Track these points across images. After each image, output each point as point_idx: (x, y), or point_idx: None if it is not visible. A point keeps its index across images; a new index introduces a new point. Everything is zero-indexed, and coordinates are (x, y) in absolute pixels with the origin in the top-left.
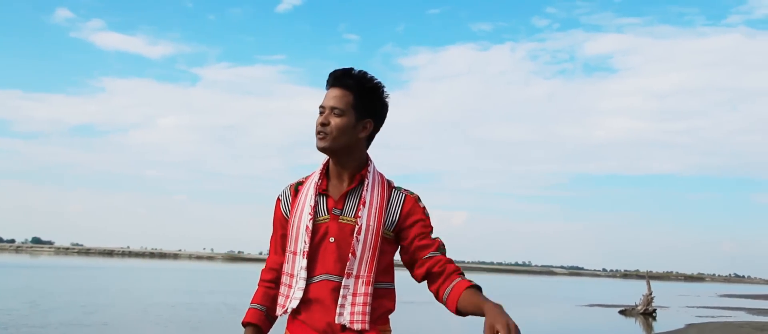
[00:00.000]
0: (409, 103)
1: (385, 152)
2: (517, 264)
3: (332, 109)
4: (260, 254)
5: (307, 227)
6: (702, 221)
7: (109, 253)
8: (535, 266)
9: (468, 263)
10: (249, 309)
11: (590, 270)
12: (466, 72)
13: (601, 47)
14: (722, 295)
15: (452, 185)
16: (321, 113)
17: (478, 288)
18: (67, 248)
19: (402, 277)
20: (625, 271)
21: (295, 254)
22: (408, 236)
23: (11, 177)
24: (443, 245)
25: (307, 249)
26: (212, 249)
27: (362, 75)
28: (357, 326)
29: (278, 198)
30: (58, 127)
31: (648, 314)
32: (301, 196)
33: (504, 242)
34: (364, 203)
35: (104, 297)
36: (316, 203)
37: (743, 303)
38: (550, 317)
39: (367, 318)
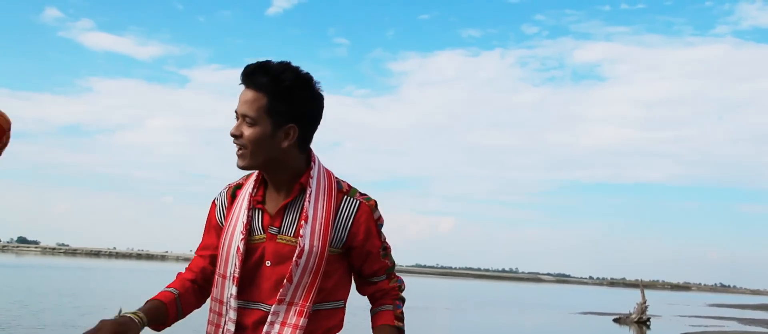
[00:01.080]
0: (399, 108)
1: (373, 157)
2: (504, 271)
3: (244, 117)
4: None
5: (238, 248)
6: (689, 230)
7: (96, 253)
8: (522, 272)
9: (455, 269)
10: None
11: (577, 278)
12: (456, 78)
13: (589, 55)
14: (711, 304)
15: (440, 191)
16: (238, 118)
17: (397, 330)
18: (53, 248)
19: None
20: (612, 279)
21: (224, 277)
22: (357, 257)
23: None
24: (392, 265)
25: (237, 274)
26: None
27: (278, 71)
28: None
29: (214, 202)
30: (45, 127)
31: (642, 323)
32: (236, 206)
33: (491, 248)
34: (306, 218)
35: (95, 299)
36: (250, 219)
37: (734, 313)
38: (545, 324)
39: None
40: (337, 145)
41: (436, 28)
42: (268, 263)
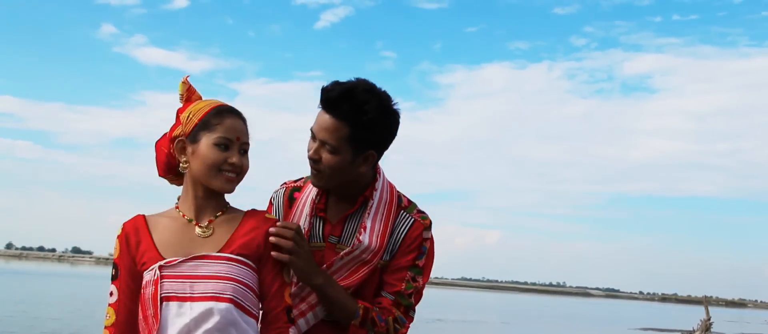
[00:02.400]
0: (445, 120)
1: (419, 169)
2: (551, 284)
3: (323, 143)
4: None
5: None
6: (744, 245)
7: None
8: (570, 286)
9: (501, 282)
10: None
11: (627, 293)
12: (502, 90)
13: (640, 67)
14: None
15: (486, 204)
16: (312, 139)
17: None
18: (107, 259)
19: (432, 294)
20: (663, 294)
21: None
22: (390, 267)
23: (54, 188)
24: (409, 296)
25: (295, 280)
26: None
27: (362, 101)
28: None
29: (270, 200)
30: (101, 140)
31: None
32: (297, 210)
33: (538, 261)
34: (365, 228)
35: None
36: (311, 226)
37: None
38: None
39: None
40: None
41: (483, 40)
42: (323, 267)
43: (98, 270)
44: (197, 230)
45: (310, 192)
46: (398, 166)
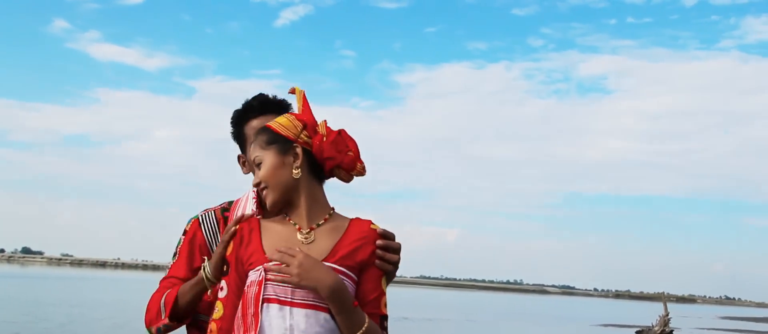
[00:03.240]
0: (404, 119)
1: (378, 169)
2: (508, 282)
3: None
4: None
5: None
6: (693, 242)
7: (102, 264)
8: (527, 284)
9: (460, 280)
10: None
11: (582, 289)
12: (461, 90)
13: (595, 68)
14: (722, 317)
15: (445, 203)
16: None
17: None
18: (59, 259)
19: (394, 293)
20: (617, 291)
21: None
22: None
23: (3, 187)
24: None
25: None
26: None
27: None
28: None
29: (200, 222)
30: (53, 138)
31: None
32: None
33: (496, 259)
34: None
35: (105, 310)
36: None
37: (747, 326)
38: None
39: None
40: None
41: (443, 40)
42: None
43: (50, 271)
44: (299, 236)
45: (245, 206)
46: None
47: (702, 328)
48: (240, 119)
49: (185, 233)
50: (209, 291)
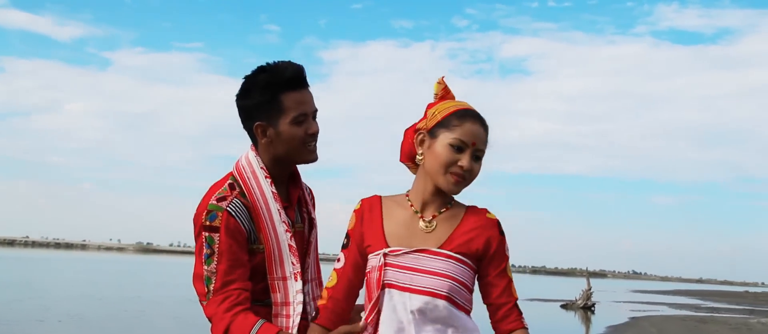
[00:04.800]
0: (329, 97)
1: None
2: None
3: (315, 113)
4: (171, 245)
5: (290, 245)
6: (605, 220)
7: (10, 243)
8: None
9: None
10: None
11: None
12: (386, 68)
13: (517, 50)
14: (634, 291)
15: (367, 180)
16: (313, 118)
17: None
18: None
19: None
20: (534, 267)
21: (285, 279)
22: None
23: None
24: None
25: (300, 269)
26: (119, 240)
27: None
28: None
29: (222, 218)
30: None
31: (588, 308)
32: (264, 212)
33: None
34: (307, 204)
35: (13, 291)
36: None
37: (658, 298)
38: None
39: None
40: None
41: (368, 17)
42: None
43: None
44: (421, 223)
45: (261, 186)
46: None
47: (618, 301)
48: (278, 88)
49: (212, 228)
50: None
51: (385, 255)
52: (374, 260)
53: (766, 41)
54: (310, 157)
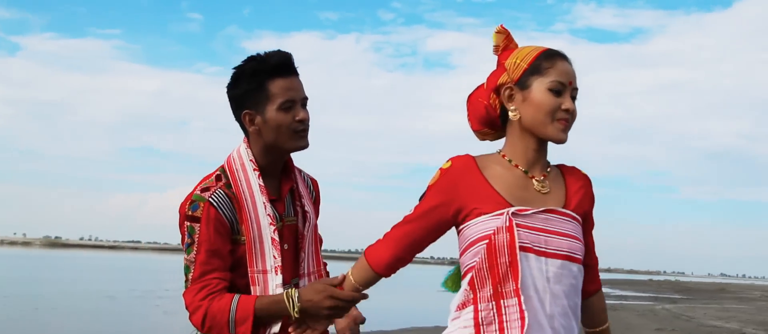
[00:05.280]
0: None
1: (223, 137)
2: (351, 251)
3: (305, 101)
4: (81, 239)
5: (273, 239)
6: None
7: None
8: None
9: None
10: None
11: (421, 257)
12: (311, 60)
13: (441, 44)
14: None
15: None
16: (303, 105)
17: None
18: None
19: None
20: (452, 259)
21: (265, 272)
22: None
23: None
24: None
25: (280, 263)
26: (25, 234)
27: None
28: None
29: (203, 207)
30: None
31: None
32: (248, 204)
33: (341, 230)
34: (302, 197)
35: None
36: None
37: None
38: (414, 301)
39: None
40: (185, 124)
41: (294, 8)
42: (285, 247)
43: None
44: (535, 183)
45: (248, 178)
46: (201, 132)
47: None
48: (264, 75)
49: (193, 218)
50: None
51: (514, 215)
52: (494, 222)
53: (675, 41)
54: (300, 144)
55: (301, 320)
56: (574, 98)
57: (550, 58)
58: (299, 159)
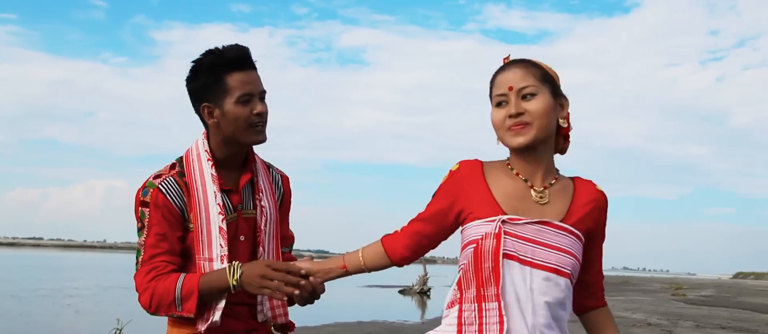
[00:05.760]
0: (161, 79)
1: (130, 130)
2: None
3: (263, 94)
4: None
5: (220, 228)
6: None
7: None
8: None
9: None
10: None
11: (334, 253)
12: None
13: (355, 40)
14: None
15: None
16: (260, 99)
17: None
18: None
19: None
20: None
21: (211, 260)
22: (282, 223)
23: None
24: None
25: (226, 253)
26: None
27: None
28: (280, 320)
29: (152, 194)
30: None
31: (423, 293)
32: (198, 191)
33: None
34: (262, 191)
35: None
36: (223, 201)
37: None
38: (337, 297)
39: (287, 309)
40: (90, 115)
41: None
42: (241, 238)
43: None
44: (533, 193)
45: (202, 168)
46: (107, 124)
47: (451, 286)
48: (222, 68)
49: (144, 203)
50: (233, 291)
51: (503, 222)
52: (485, 227)
53: (580, 44)
54: (257, 138)
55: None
56: (528, 96)
57: (493, 77)
58: None
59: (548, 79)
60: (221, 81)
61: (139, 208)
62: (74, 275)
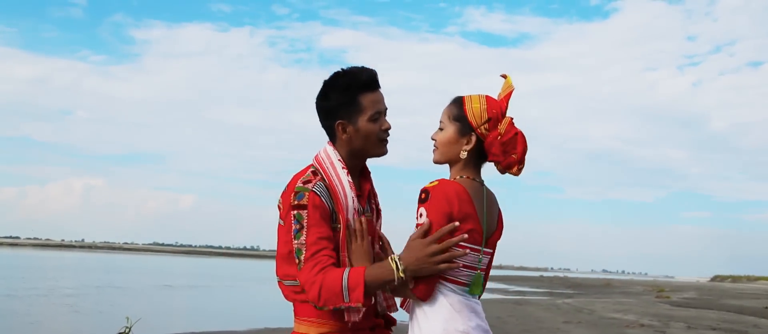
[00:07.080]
0: (140, 78)
1: (109, 128)
2: (245, 248)
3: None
4: None
5: None
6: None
7: None
8: (264, 250)
9: (195, 246)
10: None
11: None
12: (203, 52)
13: (336, 41)
14: None
15: (181, 167)
16: (385, 115)
17: None
18: None
19: (127, 260)
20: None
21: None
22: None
23: None
24: None
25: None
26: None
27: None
28: (392, 311)
29: (309, 197)
30: None
31: None
32: (342, 198)
33: (234, 226)
34: (375, 195)
35: None
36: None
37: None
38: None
39: (396, 301)
40: (68, 114)
41: None
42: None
43: None
44: None
45: (339, 175)
46: (85, 123)
47: None
48: (356, 89)
49: (300, 206)
50: (396, 282)
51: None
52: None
53: (559, 48)
54: (383, 150)
55: (404, 283)
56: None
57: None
58: (200, 155)
59: (459, 119)
60: (355, 101)
61: (294, 211)
62: (62, 274)
